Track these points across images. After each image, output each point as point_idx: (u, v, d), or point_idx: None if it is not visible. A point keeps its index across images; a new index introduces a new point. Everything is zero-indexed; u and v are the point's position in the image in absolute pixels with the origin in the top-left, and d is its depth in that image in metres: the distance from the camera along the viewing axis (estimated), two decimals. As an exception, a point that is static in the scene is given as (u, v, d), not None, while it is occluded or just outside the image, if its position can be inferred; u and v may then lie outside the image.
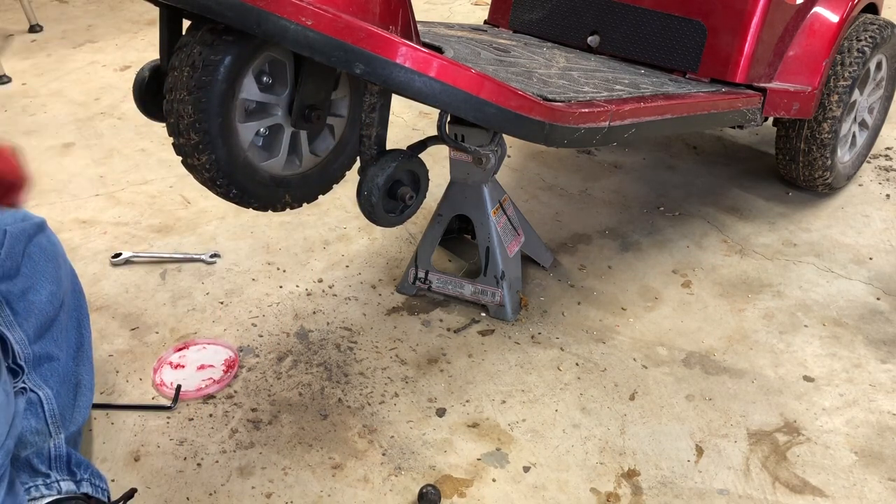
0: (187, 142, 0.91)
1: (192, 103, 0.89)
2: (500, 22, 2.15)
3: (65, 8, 3.85)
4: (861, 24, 2.07)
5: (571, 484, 1.39)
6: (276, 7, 0.83)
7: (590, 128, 1.32)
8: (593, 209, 2.21)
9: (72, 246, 2.02)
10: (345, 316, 1.79)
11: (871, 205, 2.22)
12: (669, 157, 2.49)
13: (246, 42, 0.91)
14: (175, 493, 1.37)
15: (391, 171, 0.96)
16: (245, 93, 0.95)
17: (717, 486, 1.39)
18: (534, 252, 1.92)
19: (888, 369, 1.64)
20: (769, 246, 2.05)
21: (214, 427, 1.50)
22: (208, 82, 0.89)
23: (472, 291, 1.80)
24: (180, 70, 0.90)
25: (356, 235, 2.08)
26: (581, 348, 1.70)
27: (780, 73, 1.96)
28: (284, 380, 1.62)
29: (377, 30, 0.86)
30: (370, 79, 0.87)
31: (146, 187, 2.31)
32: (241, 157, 0.98)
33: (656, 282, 1.91)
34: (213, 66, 0.89)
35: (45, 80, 3.02)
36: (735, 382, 1.61)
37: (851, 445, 1.47)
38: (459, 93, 0.95)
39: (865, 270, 1.95)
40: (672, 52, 1.88)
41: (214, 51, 0.90)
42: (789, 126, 2.11)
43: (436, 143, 1.27)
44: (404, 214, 1.06)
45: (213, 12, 0.85)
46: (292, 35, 0.84)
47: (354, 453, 1.45)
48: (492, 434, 1.49)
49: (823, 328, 1.76)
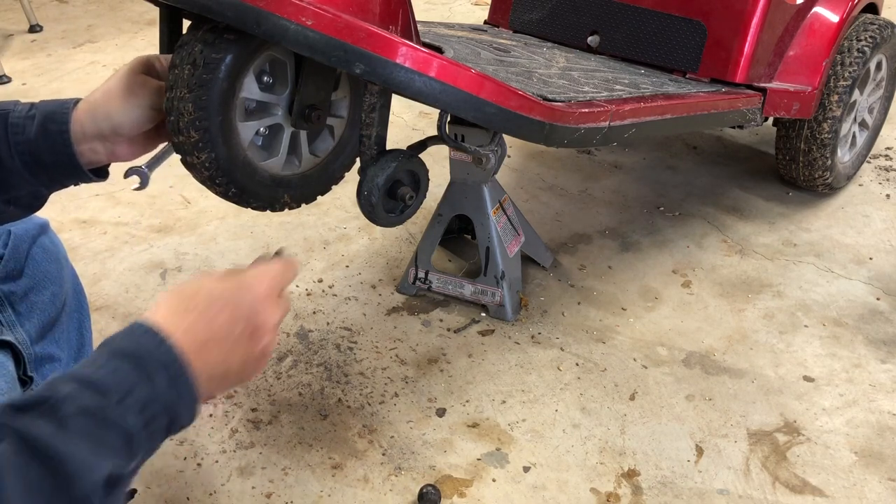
0: (187, 139, 0.91)
1: (192, 101, 0.89)
2: (500, 22, 2.15)
3: (65, 8, 3.85)
4: (861, 24, 2.07)
5: (571, 484, 1.39)
6: (276, 7, 0.83)
7: (590, 128, 1.32)
8: (593, 209, 2.21)
9: (72, 246, 2.02)
10: (345, 316, 1.79)
11: (871, 205, 2.22)
12: (669, 157, 2.49)
13: (247, 41, 0.91)
14: (175, 493, 1.37)
15: (391, 171, 0.96)
16: (246, 91, 0.95)
17: (717, 486, 1.39)
18: (534, 252, 1.92)
19: (888, 369, 1.64)
20: (769, 246, 2.05)
21: (214, 427, 1.51)
22: (209, 80, 0.89)
23: (472, 291, 1.80)
24: (181, 68, 0.90)
25: (356, 235, 2.08)
26: (581, 348, 1.70)
27: (781, 73, 1.96)
28: (284, 380, 1.62)
29: (377, 30, 0.86)
30: (370, 79, 0.87)
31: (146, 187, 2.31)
32: (240, 157, 0.98)
33: (656, 282, 1.91)
34: (214, 65, 0.89)
35: (45, 80, 3.02)
36: (735, 382, 1.61)
37: (851, 445, 1.47)
38: (459, 93, 0.95)
39: (865, 270, 1.95)
40: (672, 52, 1.88)
41: (216, 49, 0.90)
42: (789, 126, 2.11)
43: (436, 143, 1.27)
44: (404, 214, 1.06)
45: (213, 12, 0.85)
46: (292, 35, 0.84)
47: (354, 453, 1.45)
48: (492, 434, 1.49)
49: (823, 328, 1.76)
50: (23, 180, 0.94)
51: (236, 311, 0.76)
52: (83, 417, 0.62)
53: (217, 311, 0.75)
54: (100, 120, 0.92)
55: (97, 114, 0.92)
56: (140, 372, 0.67)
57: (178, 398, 0.69)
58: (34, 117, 0.93)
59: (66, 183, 0.97)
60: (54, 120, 0.92)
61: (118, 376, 0.66)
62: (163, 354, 0.69)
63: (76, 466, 0.59)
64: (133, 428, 0.65)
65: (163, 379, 0.68)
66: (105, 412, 0.63)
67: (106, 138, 0.94)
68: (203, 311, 0.74)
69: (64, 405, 0.62)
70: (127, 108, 0.93)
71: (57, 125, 0.92)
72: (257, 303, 0.78)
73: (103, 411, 0.63)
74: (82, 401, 0.63)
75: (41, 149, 0.92)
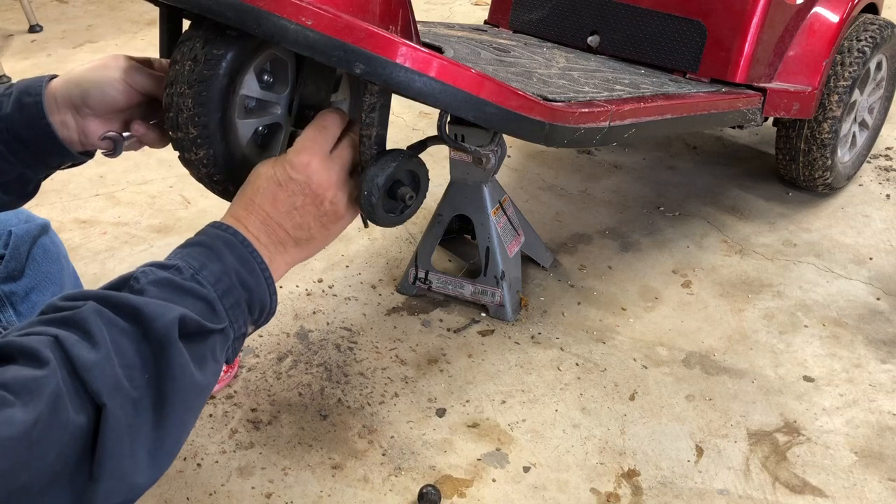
0: (185, 135, 0.91)
1: (192, 96, 0.89)
2: (500, 22, 2.15)
3: (65, 8, 3.85)
4: (861, 24, 2.07)
5: (571, 484, 1.39)
6: (276, 7, 0.83)
7: (590, 128, 1.32)
8: (593, 209, 2.21)
9: (72, 246, 2.02)
10: (345, 316, 1.79)
11: (871, 205, 2.22)
12: (669, 157, 2.49)
13: (249, 39, 0.91)
14: (175, 493, 1.37)
15: (391, 171, 0.96)
16: (246, 89, 0.95)
17: (717, 486, 1.39)
18: (534, 252, 1.92)
19: (888, 369, 1.64)
20: (769, 246, 2.05)
21: (214, 427, 1.50)
22: (210, 76, 0.89)
23: (472, 291, 1.80)
24: (181, 63, 0.90)
25: (356, 235, 2.08)
26: (581, 348, 1.70)
27: (781, 73, 1.96)
28: (284, 380, 1.62)
29: (377, 30, 0.86)
30: (370, 79, 0.87)
31: (146, 187, 2.31)
32: (238, 154, 0.97)
33: (656, 282, 1.91)
34: (215, 61, 0.89)
35: (45, 80, 3.02)
36: (735, 382, 1.61)
37: (851, 445, 1.47)
38: (459, 93, 0.95)
39: (865, 270, 1.95)
40: (672, 52, 1.88)
41: (217, 45, 0.90)
42: (789, 126, 2.11)
43: (436, 143, 1.27)
44: (404, 214, 1.06)
45: (213, 12, 0.85)
46: (292, 35, 0.84)
47: (354, 453, 1.45)
48: (492, 434, 1.49)
49: (823, 328, 1.76)
50: (6, 162, 0.94)
51: (291, 185, 0.85)
52: (157, 287, 0.71)
53: (275, 191, 0.85)
54: (71, 87, 0.93)
55: (69, 82, 0.94)
56: (210, 254, 0.76)
57: (249, 274, 0.77)
58: (10, 94, 0.95)
59: (50, 162, 0.97)
60: (29, 92, 0.94)
61: (189, 258, 0.75)
62: (229, 238, 0.79)
63: (151, 310, 0.67)
64: (209, 296, 0.73)
65: (231, 258, 0.77)
66: (179, 283, 0.72)
67: (77, 109, 0.94)
68: (264, 195, 0.84)
69: (140, 280, 0.71)
70: (99, 78, 0.94)
71: (31, 97, 0.93)
72: (309, 169, 0.85)
73: (177, 283, 0.72)
74: (157, 276, 0.72)
75: (17, 123, 0.93)
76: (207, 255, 0.76)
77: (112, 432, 0.62)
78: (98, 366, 0.63)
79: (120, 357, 0.65)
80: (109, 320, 0.67)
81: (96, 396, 0.62)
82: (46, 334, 0.64)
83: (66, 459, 0.61)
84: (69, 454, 0.61)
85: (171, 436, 0.69)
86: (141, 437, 0.66)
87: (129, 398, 0.64)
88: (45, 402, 0.59)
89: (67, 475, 0.61)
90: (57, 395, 0.60)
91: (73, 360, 0.62)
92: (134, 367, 0.66)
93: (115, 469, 0.63)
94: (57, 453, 0.60)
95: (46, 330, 0.65)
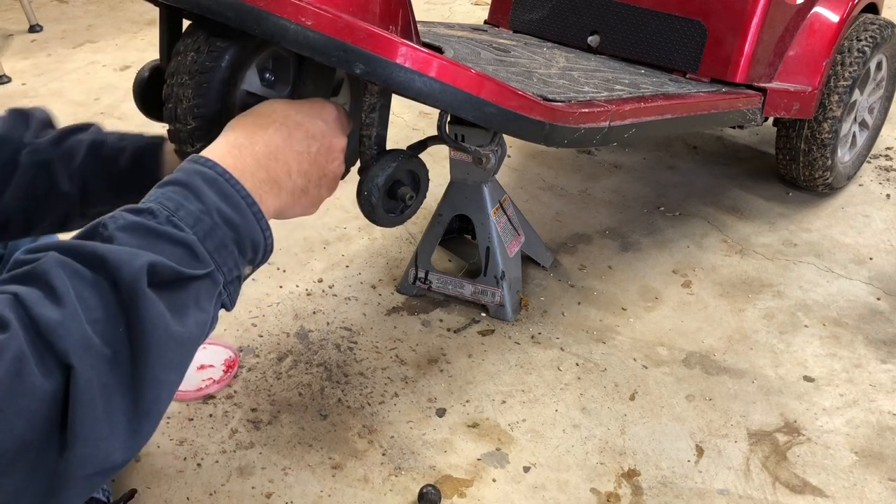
0: (184, 127, 0.91)
1: (193, 87, 0.89)
2: (500, 22, 2.15)
3: (65, 8, 3.85)
4: (861, 23, 2.07)
5: (571, 484, 1.39)
6: (276, 7, 0.83)
7: (590, 128, 1.32)
8: (593, 209, 2.21)
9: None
10: (345, 316, 1.79)
11: (872, 205, 2.22)
12: (669, 157, 2.49)
13: (251, 35, 0.91)
14: (175, 493, 1.37)
15: (391, 171, 0.96)
16: (247, 84, 0.95)
17: (717, 486, 1.39)
18: (534, 252, 1.92)
19: (888, 369, 1.64)
20: (769, 246, 2.05)
21: (214, 427, 1.50)
22: (211, 67, 0.89)
23: (472, 291, 1.80)
24: (184, 55, 0.90)
25: (356, 235, 2.08)
26: (581, 348, 1.70)
27: (781, 73, 1.96)
28: (284, 380, 1.62)
29: (377, 30, 0.86)
30: (370, 79, 0.87)
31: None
32: None
33: (656, 282, 1.91)
34: (217, 52, 0.89)
35: (45, 80, 3.02)
36: (735, 382, 1.61)
37: (851, 445, 1.47)
38: (459, 93, 0.95)
39: (866, 270, 1.95)
40: (672, 52, 1.88)
41: (220, 38, 0.90)
42: (789, 126, 2.11)
43: (436, 143, 1.27)
44: (404, 214, 1.06)
45: (213, 12, 0.85)
46: (292, 35, 0.84)
47: (354, 453, 1.45)
48: (492, 434, 1.49)
49: (823, 328, 1.76)
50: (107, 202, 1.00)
51: (315, 128, 0.83)
52: (127, 233, 0.66)
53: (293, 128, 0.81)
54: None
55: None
56: (186, 192, 0.70)
57: (234, 210, 0.72)
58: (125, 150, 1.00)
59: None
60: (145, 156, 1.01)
61: (164, 199, 0.69)
62: (207, 172, 0.73)
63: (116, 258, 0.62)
64: (188, 239, 0.68)
65: (212, 194, 0.71)
66: (152, 228, 0.66)
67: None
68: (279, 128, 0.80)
69: (108, 226, 0.66)
70: None
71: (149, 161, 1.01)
72: (329, 124, 0.85)
73: (150, 227, 0.66)
74: (127, 220, 0.67)
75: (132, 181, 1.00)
76: (184, 195, 0.70)
77: (82, 395, 0.58)
78: (63, 324, 0.58)
79: (87, 312, 0.60)
80: (74, 272, 0.62)
81: (63, 357, 0.58)
82: (6, 292, 0.59)
83: (36, 428, 0.57)
84: (39, 422, 0.57)
85: (148, 395, 0.63)
86: (116, 397, 0.61)
87: (101, 356, 0.60)
88: (6, 367, 0.55)
89: (37, 445, 0.58)
90: (19, 359, 0.56)
91: (36, 319, 0.58)
92: (103, 322, 0.61)
93: (88, 435, 0.59)
94: (25, 422, 0.56)
95: (6, 288, 0.60)
